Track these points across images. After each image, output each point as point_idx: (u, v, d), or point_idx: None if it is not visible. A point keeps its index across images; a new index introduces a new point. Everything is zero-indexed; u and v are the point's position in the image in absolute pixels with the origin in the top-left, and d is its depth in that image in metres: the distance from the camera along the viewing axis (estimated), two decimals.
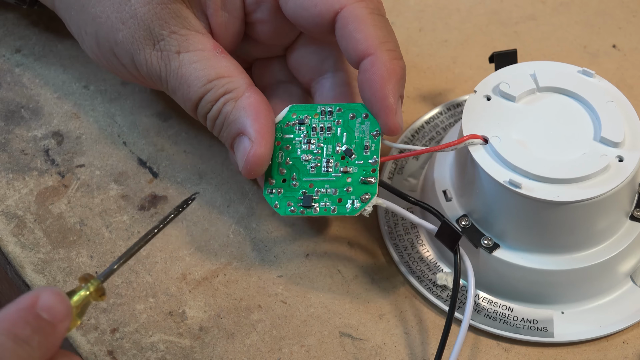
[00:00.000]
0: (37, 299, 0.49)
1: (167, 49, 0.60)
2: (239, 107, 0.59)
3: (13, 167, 0.66)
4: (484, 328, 0.60)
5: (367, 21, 0.59)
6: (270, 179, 0.60)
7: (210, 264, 0.62)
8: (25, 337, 0.48)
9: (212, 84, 0.60)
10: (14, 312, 0.48)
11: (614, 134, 0.59)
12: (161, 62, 0.60)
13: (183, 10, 0.60)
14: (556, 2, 0.75)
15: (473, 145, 0.59)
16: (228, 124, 0.60)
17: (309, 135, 0.60)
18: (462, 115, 0.67)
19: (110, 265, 0.53)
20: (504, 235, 0.60)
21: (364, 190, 0.58)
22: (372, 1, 0.60)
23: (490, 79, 0.62)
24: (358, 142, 0.59)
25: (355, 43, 0.59)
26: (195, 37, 0.60)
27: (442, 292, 0.61)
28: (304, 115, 0.60)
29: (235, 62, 0.61)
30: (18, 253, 0.62)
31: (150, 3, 0.60)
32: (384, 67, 0.58)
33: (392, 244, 0.63)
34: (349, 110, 0.60)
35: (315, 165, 0.59)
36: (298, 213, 0.59)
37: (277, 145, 0.60)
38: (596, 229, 0.59)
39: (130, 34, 0.60)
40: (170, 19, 0.60)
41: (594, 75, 0.62)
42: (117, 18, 0.60)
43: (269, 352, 0.59)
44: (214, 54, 0.60)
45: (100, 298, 0.52)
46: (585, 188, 0.58)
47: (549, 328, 0.60)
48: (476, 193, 0.59)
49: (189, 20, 0.60)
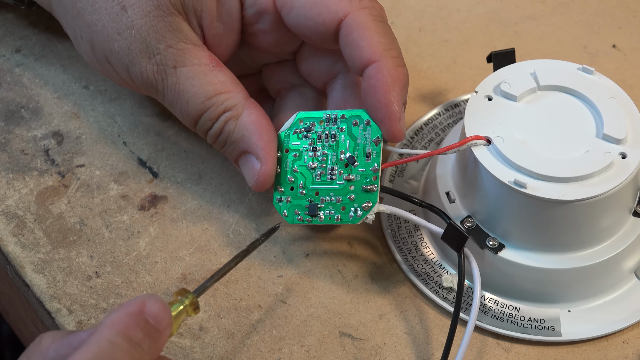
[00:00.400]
0: (144, 305, 0.50)
1: (164, 63, 0.60)
2: (241, 126, 0.60)
3: (13, 167, 0.66)
4: (491, 329, 0.60)
5: (371, 28, 0.59)
6: (280, 187, 0.60)
7: (210, 264, 0.62)
8: (138, 340, 0.49)
9: (210, 102, 0.60)
10: (125, 316, 0.49)
11: (617, 131, 0.59)
12: (157, 76, 0.60)
13: (180, 23, 0.60)
14: (556, 2, 0.75)
15: (476, 146, 0.59)
16: (232, 142, 0.61)
17: (314, 143, 0.60)
18: (461, 115, 0.67)
19: (203, 282, 0.55)
20: (509, 236, 0.60)
21: (365, 199, 0.58)
22: (375, 8, 0.60)
23: (491, 79, 0.62)
24: (360, 149, 0.59)
25: (359, 50, 0.59)
26: (192, 51, 0.60)
27: (449, 294, 0.61)
28: (310, 122, 0.61)
29: (232, 75, 0.61)
30: (18, 253, 0.62)
31: (147, 15, 0.60)
32: (388, 74, 0.58)
33: (396, 247, 0.63)
34: (352, 116, 0.60)
35: (321, 173, 0.60)
36: (305, 221, 0.60)
37: (285, 153, 0.61)
38: (601, 226, 0.59)
39: (126, 45, 0.60)
40: (166, 32, 0.60)
41: (593, 72, 0.62)
42: (113, 28, 0.60)
43: (269, 352, 0.59)
44: (210, 68, 0.60)
45: (194, 312, 0.53)
46: (590, 186, 0.58)
47: (556, 327, 0.60)
48: (480, 194, 0.59)
49: (185, 33, 0.60)
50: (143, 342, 0.49)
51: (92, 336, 0.49)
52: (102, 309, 0.60)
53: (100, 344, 0.48)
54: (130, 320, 0.49)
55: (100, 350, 0.48)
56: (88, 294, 0.61)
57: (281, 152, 0.61)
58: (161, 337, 0.50)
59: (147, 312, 0.50)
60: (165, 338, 0.51)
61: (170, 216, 0.64)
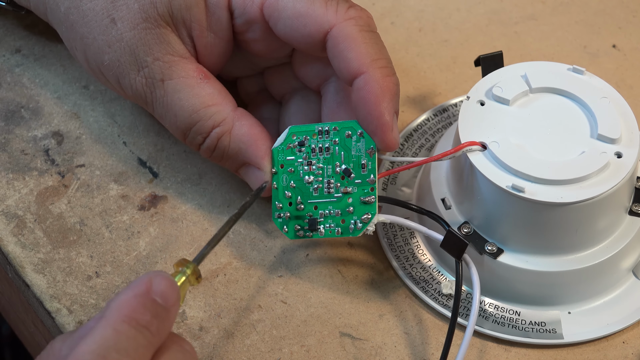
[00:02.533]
0: (150, 284, 0.50)
1: (152, 76, 0.60)
2: (236, 139, 0.60)
3: (13, 167, 0.66)
4: (493, 334, 0.60)
5: (358, 39, 0.59)
6: (278, 203, 0.60)
7: (210, 264, 0.62)
8: (145, 323, 0.49)
9: (198, 115, 0.60)
10: (132, 298, 0.49)
11: (611, 131, 0.59)
12: (146, 88, 0.61)
13: (168, 35, 0.60)
14: (556, 2, 0.75)
15: (472, 152, 0.59)
16: (229, 156, 0.61)
17: (309, 157, 0.60)
18: (450, 120, 0.67)
19: (201, 250, 0.54)
20: (507, 240, 0.60)
21: (365, 211, 0.59)
22: (362, 17, 0.59)
23: (482, 84, 0.62)
24: (355, 160, 0.59)
25: (347, 62, 0.59)
26: (179, 64, 0.60)
27: (449, 301, 0.61)
28: (303, 136, 0.61)
29: (220, 87, 0.61)
30: (18, 253, 0.62)
31: (136, 28, 0.60)
32: (377, 85, 0.58)
33: (393, 255, 0.63)
34: (344, 128, 0.60)
35: (317, 187, 0.60)
36: (305, 237, 0.60)
37: (280, 169, 0.61)
38: (599, 227, 0.59)
39: (116, 57, 0.60)
40: (154, 45, 0.60)
41: (584, 72, 0.62)
42: (103, 41, 0.61)
43: (269, 352, 0.59)
44: (198, 80, 0.60)
45: (197, 281, 0.53)
46: (588, 187, 0.58)
47: (557, 329, 0.60)
48: (477, 199, 0.59)
49: (173, 45, 0.60)
50: (151, 324, 0.49)
51: (98, 324, 0.48)
52: (102, 309, 0.60)
53: (104, 334, 0.48)
54: (137, 303, 0.49)
55: (105, 340, 0.48)
56: (88, 294, 0.61)
57: (276, 167, 0.61)
58: (170, 316, 0.50)
59: (155, 291, 0.50)
60: (173, 315, 0.50)
61: (170, 216, 0.64)
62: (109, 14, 0.60)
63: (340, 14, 0.59)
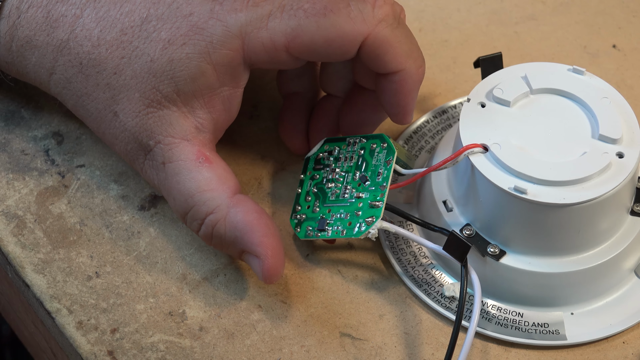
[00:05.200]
0: None
1: (155, 159, 0.60)
2: (231, 227, 0.59)
3: (13, 167, 0.66)
4: (496, 336, 0.60)
5: (392, 42, 0.59)
6: (297, 206, 0.62)
7: (210, 264, 0.62)
8: None
9: (192, 200, 0.59)
10: None
11: (612, 131, 0.59)
12: (152, 171, 0.61)
13: (170, 116, 0.59)
14: (556, 2, 0.75)
15: (473, 155, 0.59)
16: (227, 245, 0.60)
17: (334, 165, 0.62)
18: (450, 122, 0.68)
19: None
20: (509, 242, 0.59)
21: (370, 214, 0.59)
22: (389, 15, 0.59)
23: (482, 85, 0.62)
24: (373, 169, 0.61)
25: (385, 64, 0.59)
26: (179, 146, 0.60)
27: (451, 304, 0.61)
28: (334, 147, 0.62)
29: (220, 171, 0.60)
30: (18, 253, 0.62)
31: (138, 115, 0.60)
32: (411, 80, 0.60)
33: (394, 258, 0.63)
34: (371, 141, 0.62)
35: (335, 192, 0.61)
36: (314, 236, 0.60)
37: (307, 175, 0.62)
38: (601, 227, 0.59)
39: (124, 147, 0.61)
40: (155, 128, 0.60)
41: (584, 72, 0.62)
42: (111, 134, 0.61)
43: (269, 352, 0.59)
44: (196, 164, 0.59)
45: None
46: (590, 188, 0.58)
47: (560, 330, 0.60)
48: (479, 201, 0.59)
49: (174, 126, 0.60)
50: None
51: None
52: (102, 309, 0.60)
53: None
54: None
55: None
56: (88, 294, 0.61)
57: (304, 175, 0.62)
58: None
59: None
60: None
61: (170, 216, 0.64)
62: (111, 109, 0.60)
63: (369, 19, 0.59)
